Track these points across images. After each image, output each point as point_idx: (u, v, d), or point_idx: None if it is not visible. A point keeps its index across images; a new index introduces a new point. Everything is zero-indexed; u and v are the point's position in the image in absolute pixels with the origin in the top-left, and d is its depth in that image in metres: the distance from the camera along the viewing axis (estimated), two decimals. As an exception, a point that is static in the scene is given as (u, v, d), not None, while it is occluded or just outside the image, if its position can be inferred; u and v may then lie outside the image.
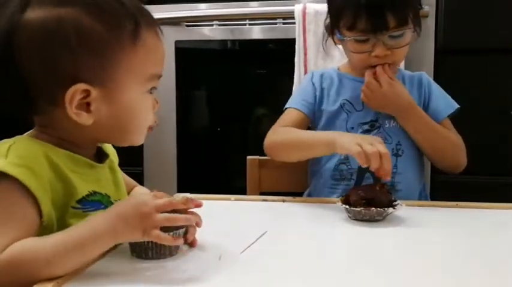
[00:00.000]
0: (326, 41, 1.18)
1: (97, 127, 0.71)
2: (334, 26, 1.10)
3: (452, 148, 1.11)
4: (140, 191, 0.91)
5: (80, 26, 0.66)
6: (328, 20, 1.13)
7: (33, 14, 0.66)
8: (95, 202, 0.71)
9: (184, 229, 0.70)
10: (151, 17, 0.75)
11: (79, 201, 0.69)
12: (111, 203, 0.74)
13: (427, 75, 1.18)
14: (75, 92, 0.67)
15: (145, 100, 0.74)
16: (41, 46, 0.65)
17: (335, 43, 1.16)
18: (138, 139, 0.77)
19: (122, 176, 0.84)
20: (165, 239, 0.63)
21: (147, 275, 0.64)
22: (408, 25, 1.05)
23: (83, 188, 0.70)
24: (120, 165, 0.90)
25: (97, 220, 0.64)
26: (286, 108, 1.16)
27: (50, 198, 0.66)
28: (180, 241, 0.67)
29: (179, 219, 0.65)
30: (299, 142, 1.07)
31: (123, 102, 0.71)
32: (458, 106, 1.14)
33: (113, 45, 0.68)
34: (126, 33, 0.69)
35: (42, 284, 0.58)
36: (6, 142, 0.67)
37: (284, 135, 1.09)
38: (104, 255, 0.69)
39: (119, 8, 0.69)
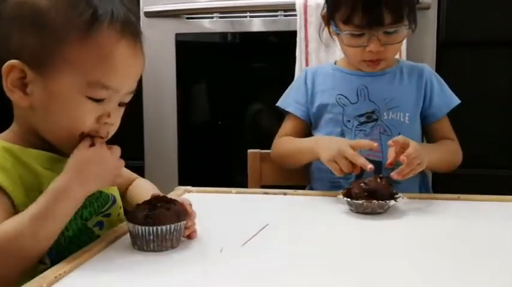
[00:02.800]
0: (323, 30, 1.18)
1: (37, 117, 0.70)
2: (330, 18, 1.10)
3: (456, 159, 1.12)
4: (142, 183, 0.91)
5: (37, 7, 0.66)
6: (325, 10, 1.14)
7: None
8: None
9: (184, 222, 0.70)
10: (133, 27, 0.70)
11: None
12: None
13: (429, 68, 1.17)
14: (12, 68, 0.67)
15: (79, 103, 0.68)
16: (7, 20, 0.68)
17: (330, 35, 1.16)
18: (69, 146, 0.70)
19: None
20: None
21: (148, 267, 0.64)
22: (403, 22, 1.05)
23: (52, 178, 0.69)
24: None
25: (59, 181, 0.65)
26: (280, 108, 1.18)
27: (22, 191, 0.66)
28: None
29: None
30: (291, 153, 1.14)
31: (54, 92, 0.67)
32: (459, 101, 1.14)
33: (60, 31, 0.66)
34: (79, 22, 0.66)
35: (45, 275, 0.58)
36: None
37: (280, 148, 1.16)
38: (105, 247, 0.69)
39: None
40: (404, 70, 1.15)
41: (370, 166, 0.93)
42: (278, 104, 1.19)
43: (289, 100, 1.17)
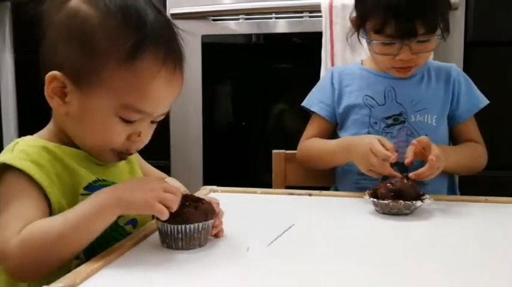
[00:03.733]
0: (352, 35, 1.18)
1: (72, 124, 0.72)
2: (360, 26, 1.10)
3: (479, 163, 1.12)
4: (171, 183, 0.92)
5: (86, 25, 0.68)
6: (353, 14, 1.13)
7: (73, 3, 0.70)
8: (104, 187, 0.72)
9: (212, 221, 0.71)
10: (177, 55, 0.71)
11: (86, 187, 0.71)
12: None
13: (457, 68, 1.16)
14: (54, 78, 0.69)
15: (111, 122, 0.70)
16: (57, 28, 0.70)
17: (359, 39, 1.15)
18: (99, 156, 0.74)
19: (139, 166, 0.85)
20: (164, 214, 0.64)
21: (176, 265, 0.65)
22: (436, 32, 1.04)
23: (89, 177, 0.72)
24: (147, 158, 0.92)
25: (102, 192, 0.66)
26: (305, 108, 1.19)
27: (58, 188, 0.68)
28: (166, 215, 0.65)
29: (176, 201, 0.66)
30: (321, 155, 1.13)
31: (88, 108, 0.69)
32: (488, 102, 1.12)
33: (103, 54, 0.67)
34: (122, 49, 0.67)
35: (77, 272, 0.60)
36: (15, 141, 0.72)
37: (308, 150, 1.16)
38: (135, 244, 0.71)
39: (132, 21, 0.68)
40: (432, 71, 1.14)
41: (398, 175, 0.95)
42: (303, 103, 1.19)
43: (314, 100, 1.17)
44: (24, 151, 0.69)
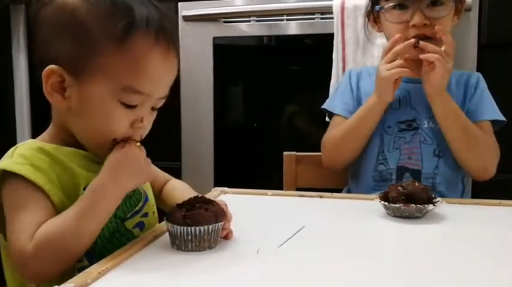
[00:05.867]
0: (367, 25, 1.18)
1: (73, 119, 0.72)
2: (374, 2, 1.11)
3: (481, 148, 1.06)
4: (176, 185, 0.92)
5: (75, 16, 0.68)
6: (369, 7, 1.14)
7: None
8: None
9: (222, 223, 0.71)
10: (168, 33, 0.71)
11: (85, 188, 0.71)
12: None
13: (478, 76, 1.15)
14: (51, 72, 0.69)
15: (113, 108, 0.70)
16: (48, 25, 0.70)
17: (378, 28, 1.15)
18: (101, 152, 0.73)
19: None
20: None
21: (186, 267, 0.65)
22: None
23: (88, 176, 0.72)
24: (158, 160, 0.92)
25: (97, 180, 0.68)
26: (325, 110, 1.18)
27: (59, 189, 0.69)
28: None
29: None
30: (355, 125, 1.09)
31: (89, 98, 0.69)
32: (504, 119, 1.10)
33: (96, 40, 0.67)
34: (114, 32, 0.67)
35: (87, 272, 0.60)
36: (15, 146, 0.73)
37: (336, 138, 1.13)
38: (145, 246, 0.71)
39: (121, 6, 0.68)
40: (453, 78, 1.12)
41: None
42: (324, 106, 1.19)
43: (337, 103, 1.17)
44: (23, 154, 0.69)
